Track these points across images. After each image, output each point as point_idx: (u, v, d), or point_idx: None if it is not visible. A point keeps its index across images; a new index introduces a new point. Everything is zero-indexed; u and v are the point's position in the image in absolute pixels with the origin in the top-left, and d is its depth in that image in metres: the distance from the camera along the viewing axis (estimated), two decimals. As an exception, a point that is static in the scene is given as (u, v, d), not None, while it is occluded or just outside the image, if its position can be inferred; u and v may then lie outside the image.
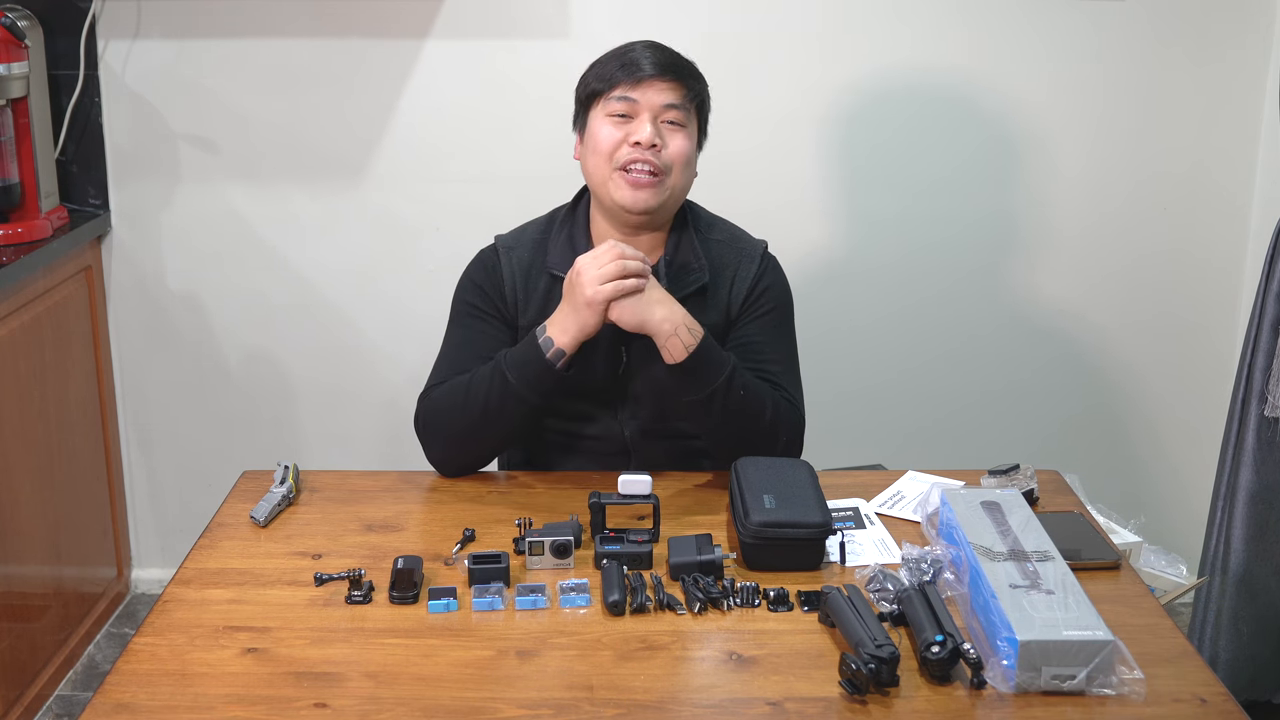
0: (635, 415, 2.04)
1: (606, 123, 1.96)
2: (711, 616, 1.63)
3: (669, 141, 1.95)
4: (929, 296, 3.00)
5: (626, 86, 1.94)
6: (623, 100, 1.95)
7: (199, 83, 2.90)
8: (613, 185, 1.96)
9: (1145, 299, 3.01)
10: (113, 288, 3.02)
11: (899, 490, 1.98)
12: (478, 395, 1.93)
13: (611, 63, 1.98)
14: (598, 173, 1.98)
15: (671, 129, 1.96)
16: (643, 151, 1.93)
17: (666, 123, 1.95)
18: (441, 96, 2.90)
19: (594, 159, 1.98)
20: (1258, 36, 2.85)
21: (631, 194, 1.94)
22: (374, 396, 3.07)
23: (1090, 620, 1.48)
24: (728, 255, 2.05)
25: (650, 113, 1.94)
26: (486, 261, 2.07)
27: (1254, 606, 2.48)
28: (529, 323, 2.00)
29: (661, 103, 1.94)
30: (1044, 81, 2.88)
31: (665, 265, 2.01)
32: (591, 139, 1.98)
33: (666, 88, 1.95)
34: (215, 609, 1.65)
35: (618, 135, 1.95)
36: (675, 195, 1.98)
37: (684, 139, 1.96)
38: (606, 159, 1.96)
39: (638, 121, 1.94)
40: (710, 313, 2.01)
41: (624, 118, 1.95)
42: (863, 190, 2.95)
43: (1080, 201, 2.95)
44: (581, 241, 2.02)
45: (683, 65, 1.99)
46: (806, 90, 2.89)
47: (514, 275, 2.03)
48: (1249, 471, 2.43)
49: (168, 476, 3.15)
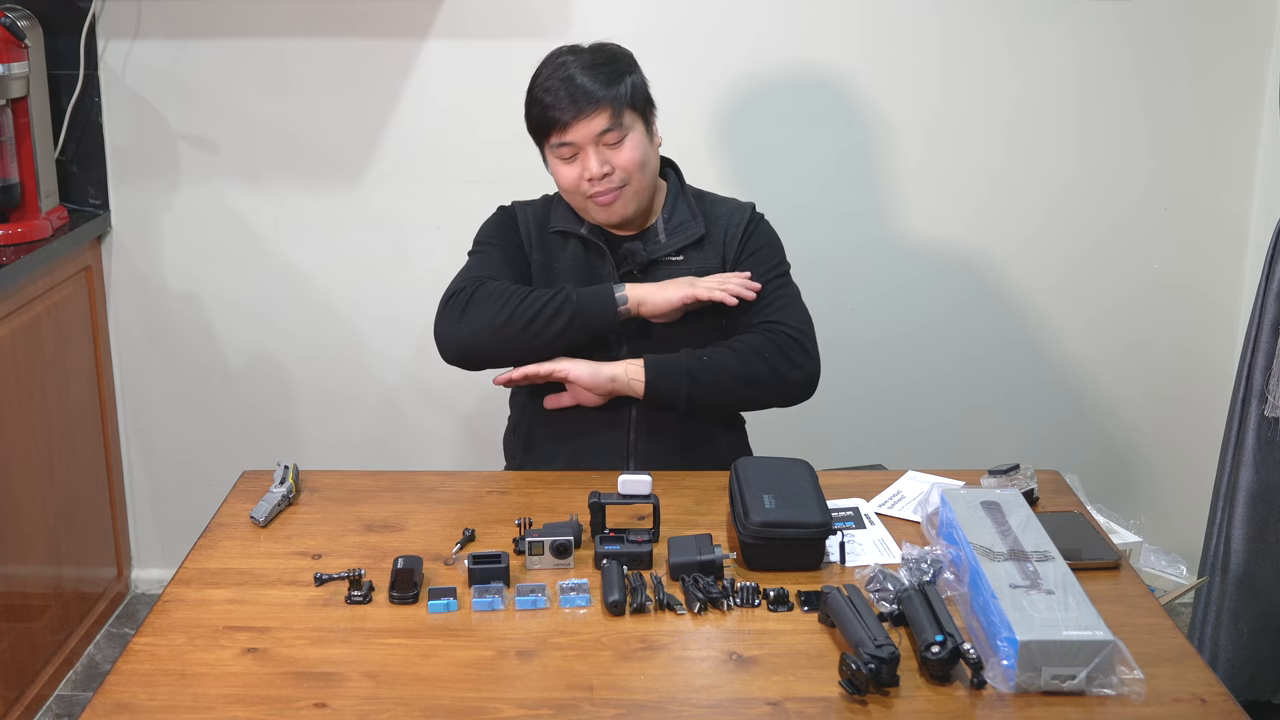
0: (635, 353, 2.11)
1: (560, 165, 2.11)
2: (711, 616, 1.63)
3: (616, 159, 2.07)
4: (929, 297, 3.00)
5: (558, 132, 2.07)
6: (563, 146, 2.08)
7: (199, 83, 2.90)
8: (590, 209, 2.12)
9: (1145, 299, 3.01)
10: (113, 288, 3.02)
11: (899, 490, 1.98)
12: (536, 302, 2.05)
13: (536, 109, 2.11)
14: (573, 202, 2.15)
15: (614, 147, 2.07)
16: (598, 182, 2.07)
17: (607, 144, 2.07)
18: (441, 96, 2.90)
19: (563, 193, 2.15)
20: (1258, 37, 2.85)
21: (604, 213, 2.11)
22: (374, 396, 3.07)
23: (1090, 620, 1.48)
24: (720, 211, 2.21)
25: (590, 144, 2.07)
26: (506, 210, 2.25)
27: (1254, 606, 2.48)
28: (540, 259, 2.17)
29: (594, 132, 2.06)
30: (1044, 81, 2.88)
31: (664, 223, 2.17)
32: (555, 176, 2.13)
33: (591, 119, 2.05)
34: (215, 609, 1.65)
35: (574, 173, 2.09)
36: (644, 191, 2.12)
37: (629, 146, 2.08)
38: (574, 194, 2.12)
39: (583, 155, 2.08)
40: (707, 257, 2.16)
41: (572, 156, 2.09)
42: (862, 190, 2.95)
43: (1080, 201, 2.95)
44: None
45: (592, 90, 2.06)
46: (807, 89, 2.88)
47: (528, 225, 2.21)
48: (1249, 471, 2.43)
49: (168, 476, 3.15)
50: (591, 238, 2.15)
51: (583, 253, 2.17)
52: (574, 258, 2.17)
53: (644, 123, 2.11)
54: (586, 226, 2.16)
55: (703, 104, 2.87)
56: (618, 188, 2.08)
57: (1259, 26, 2.85)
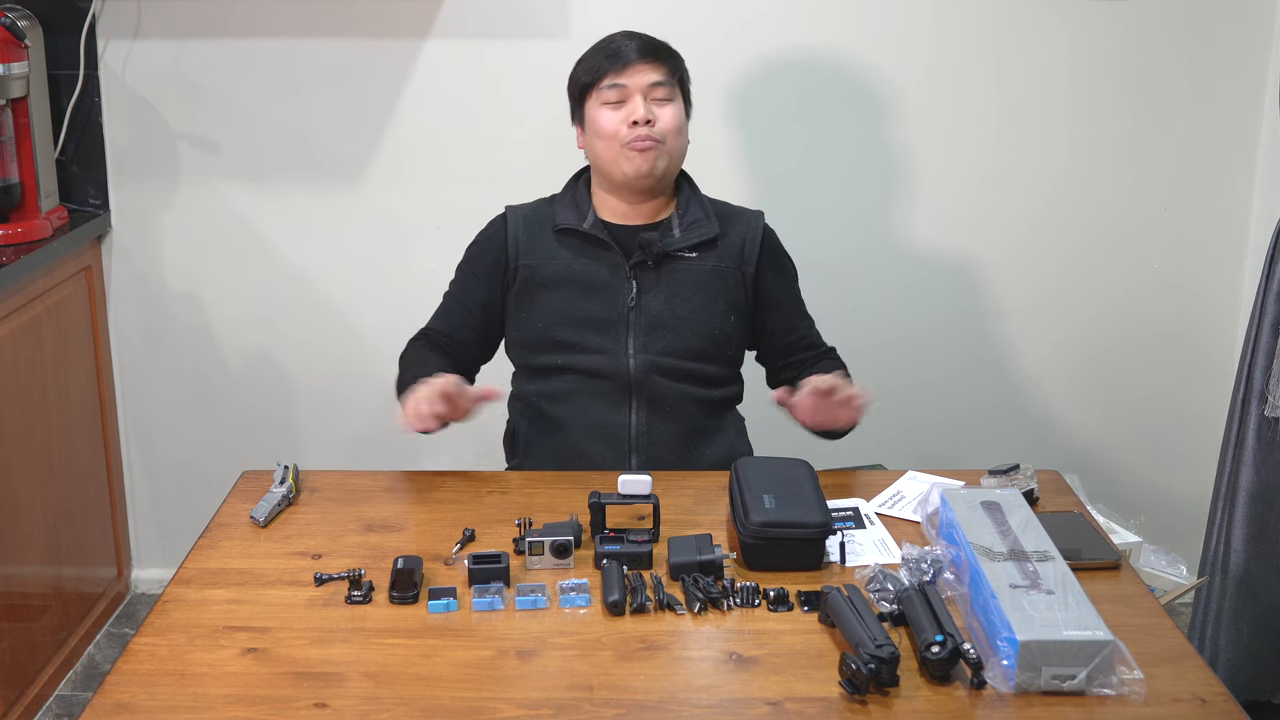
0: (646, 349, 2.13)
1: (604, 110, 2.14)
2: (711, 616, 1.63)
3: (660, 114, 2.13)
4: (930, 297, 3.00)
5: (614, 74, 2.13)
6: (614, 88, 2.13)
7: (199, 83, 2.90)
8: (623, 159, 2.13)
9: (1145, 299, 3.01)
10: (113, 288, 3.02)
11: (899, 490, 1.98)
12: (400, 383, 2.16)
13: (596, 56, 2.17)
14: (607, 153, 2.15)
15: (660, 103, 2.14)
16: (641, 127, 2.11)
17: (655, 99, 2.13)
18: (441, 96, 2.90)
19: (600, 143, 2.15)
20: (1258, 37, 2.85)
21: (639, 161, 2.12)
22: (374, 396, 3.06)
23: (1090, 620, 1.48)
24: (732, 214, 2.25)
25: (640, 93, 2.13)
26: (493, 226, 2.26)
27: (1254, 606, 2.48)
28: (531, 262, 2.17)
29: (648, 82, 2.13)
30: (1044, 81, 2.88)
31: (678, 220, 2.19)
32: (593, 126, 2.15)
33: (649, 69, 2.14)
34: (215, 609, 1.65)
35: (617, 118, 2.13)
36: (674, 159, 2.17)
37: (673, 109, 2.15)
38: (611, 141, 2.13)
39: (630, 104, 2.13)
40: (723, 256, 2.19)
41: (618, 103, 2.13)
42: (862, 190, 2.95)
43: (1080, 201, 2.95)
44: (585, 203, 2.20)
45: (661, 47, 2.18)
46: (808, 88, 2.89)
47: (518, 226, 2.21)
48: (1249, 471, 2.43)
49: (168, 476, 3.15)
50: (594, 232, 2.16)
51: (581, 248, 2.17)
52: (573, 256, 2.17)
53: (685, 105, 2.20)
54: (589, 222, 2.17)
55: (702, 105, 2.87)
56: (656, 140, 2.11)
57: (1259, 26, 2.85)
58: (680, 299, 2.16)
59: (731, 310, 2.18)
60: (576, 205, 2.20)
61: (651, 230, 2.18)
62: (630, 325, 2.14)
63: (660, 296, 2.15)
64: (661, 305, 2.15)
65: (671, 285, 2.16)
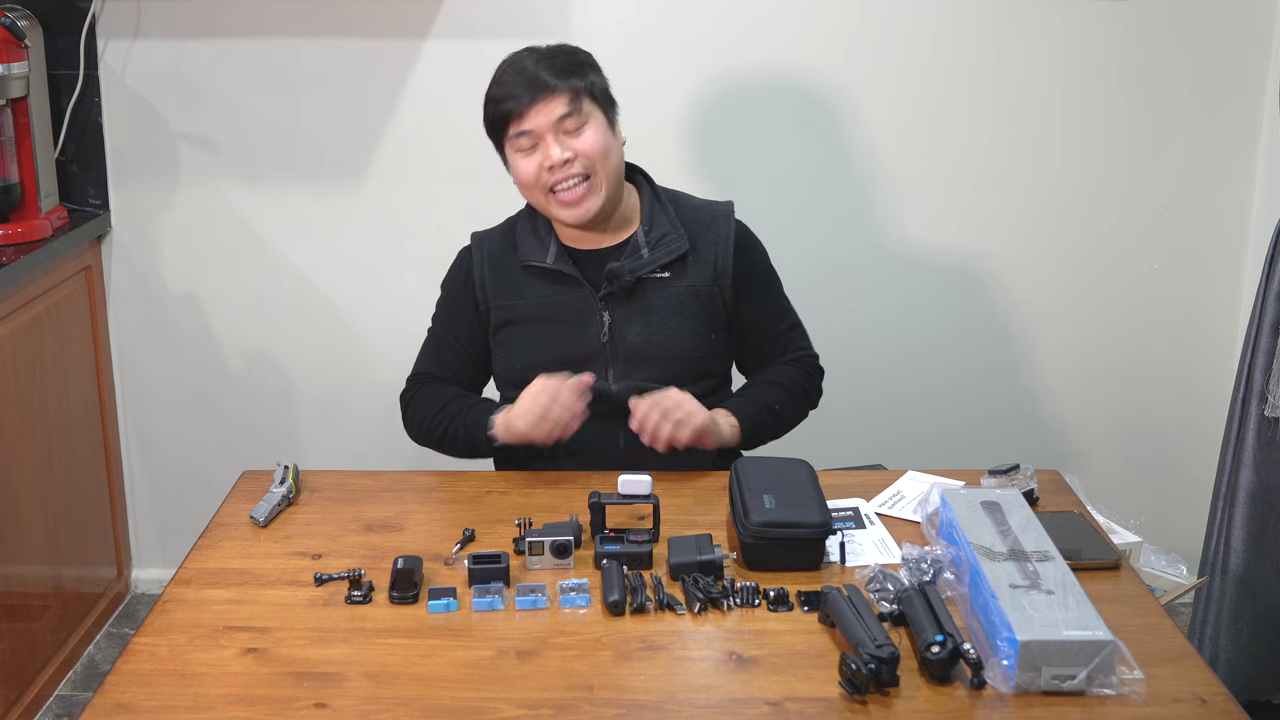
0: (627, 377, 2.09)
1: (520, 159, 2.04)
2: (711, 616, 1.63)
3: (578, 145, 2.01)
4: (928, 297, 3.00)
5: (516, 121, 2.02)
6: (521, 135, 2.02)
7: (199, 83, 2.90)
8: (552, 208, 2.05)
9: (1145, 299, 3.01)
10: (113, 288, 3.02)
11: (899, 490, 1.98)
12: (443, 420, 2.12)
13: (496, 103, 2.05)
14: (534, 200, 2.08)
15: (573, 133, 2.02)
16: (560, 170, 2.01)
17: (567, 132, 2.02)
18: (442, 96, 2.90)
19: (527, 191, 2.07)
20: (1258, 36, 2.85)
21: (570, 211, 2.04)
22: (374, 396, 3.07)
23: (1090, 620, 1.48)
24: (700, 218, 2.14)
25: (550, 133, 2.01)
26: (462, 260, 2.19)
27: (1254, 606, 2.48)
28: (502, 303, 2.11)
29: (554, 118, 2.01)
30: (1043, 81, 2.88)
31: (644, 236, 2.09)
32: (516, 175, 2.07)
33: (550, 103, 2.00)
34: (215, 609, 1.65)
35: (534, 164, 2.02)
36: (611, 182, 2.06)
37: (590, 132, 2.02)
38: (535, 189, 2.04)
39: (543, 145, 2.02)
40: (696, 273, 2.10)
41: (532, 147, 2.03)
42: (862, 190, 2.95)
43: (1081, 201, 2.95)
44: (544, 231, 2.12)
45: (554, 70, 2.02)
46: (808, 90, 2.88)
47: (483, 264, 2.14)
48: (1249, 471, 2.43)
49: (168, 476, 3.15)
50: (559, 267, 2.08)
51: (551, 287, 2.09)
52: (541, 294, 2.09)
53: (605, 115, 2.06)
54: (553, 254, 2.09)
55: (703, 105, 2.87)
56: (581, 178, 2.01)
57: (1259, 26, 2.84)
58: (656, 325, 2.08)
59: (711, 329, 2.12)
60: (538, 235, 2.11)
61: (618, 251, 2.09)
62: (609, 357, 2.08)
63: (635, 326, 2.08)
64: (637, 336, 2.08)
65: (646, 312, 2.08)
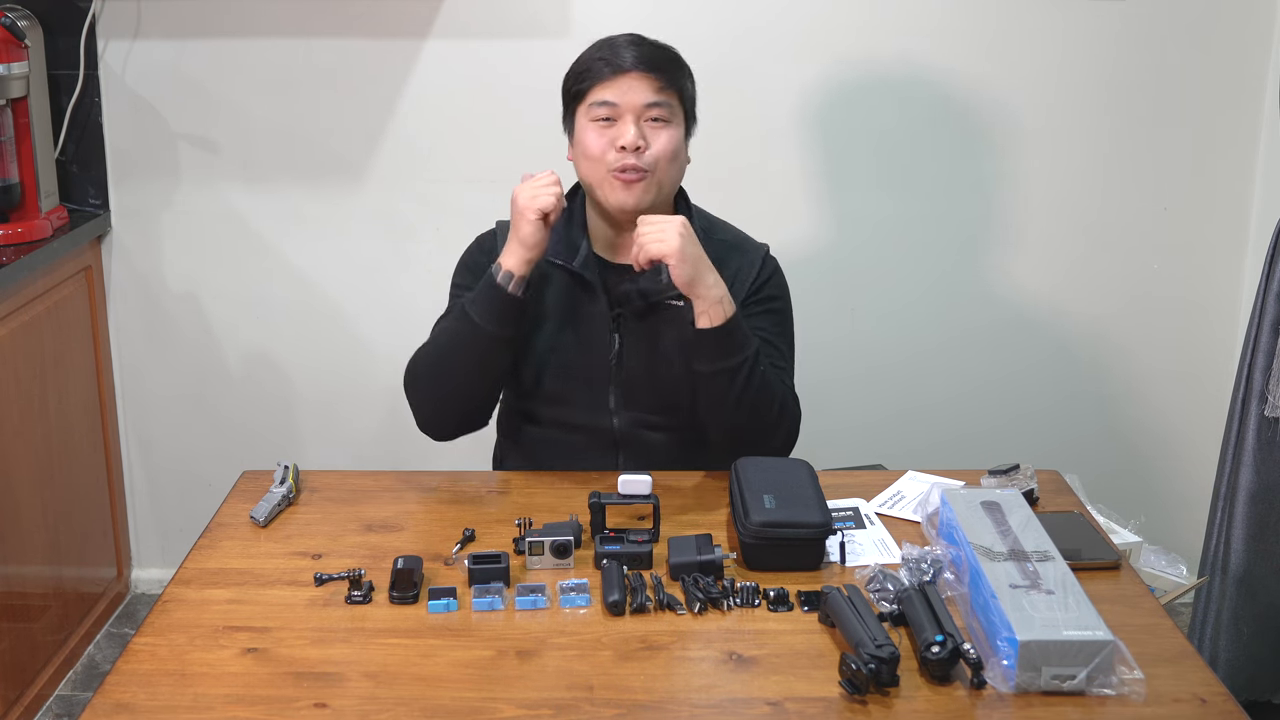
0: (627, 405, 2.04)
1: (591, 128, 1.96)
2: (711, 616, 1.63)
3: (653, 140, 1.95)
4: (929, 297, 3.00)
5: (604, 87, 1.94)
6: (603, 105, 1.95)
7: (199, 83, 2.90)
8: (607, 187, 1.97)
9: (1145, 299, 3.01)
10: (113, 288, 3.02)
11: (899, 490, 1.98)
12: (444, 337, 1.99)
13: (588, 62, 1.97)
14: (591, 176, 1.99)
15: (655, 126, 1.95)
16: (629, 154, 1.93)
17: (650, 120, 1.95)
18: (441, 96, 2.90)
19: (585, 164, 1.99)
20: (1258, 37, 2.85)
21: (623, 194, 1.96)
22: (374, 396, 3.07)
23: (1090, 620, 1.48)
24: (730, 255, 2.06)
25: (632, 113, 1.94)
26: (484, 244, 2.10)
27: (1254, 606, 2.48)
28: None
29: (641, 102, 1.94)
30: (1043, 80, 2.88)
31: None
32: (580, 144, 1.99)
33: (643, 85, 1.94)
34: (215, 609, 1.65)
35: (604, 139, 1.95)
36: (665, 189, 1.99)
37: (668, 134, 1.96)
38: (597, 164, 1.96)
39: (621, 124, 1.94)
40: None
41: (608, 121, 1.95)
42: (862, 191, 2.95)
43: (1080, 201, 2.95)
44: (578, 232, 2.04)
45: (660, 57, 1.97)
46: (811, 90, 2.88)
47: None
48: (1249, 471, 2.43)
49: (168, 476, 3.14)
50: (583, 272, 2.02)
51: (571, 288, 2.04)
52: (560, 293, 2.04)
53: (686, 127, 2.01)
54: (581, 257, 2.02)
55: (704, 104, 2.87)
56: (645, 171, 1.94)
57: (1259, 27, 2.84)
58: (662, 358, 2.01)
59: None
60: (570, 235, 2.04)
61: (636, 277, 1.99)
62: (612, 380, 2.03)
63: (641, 354, 2.02)
64: (641, 366, 2.02)
65: (654, 341, 2.01)
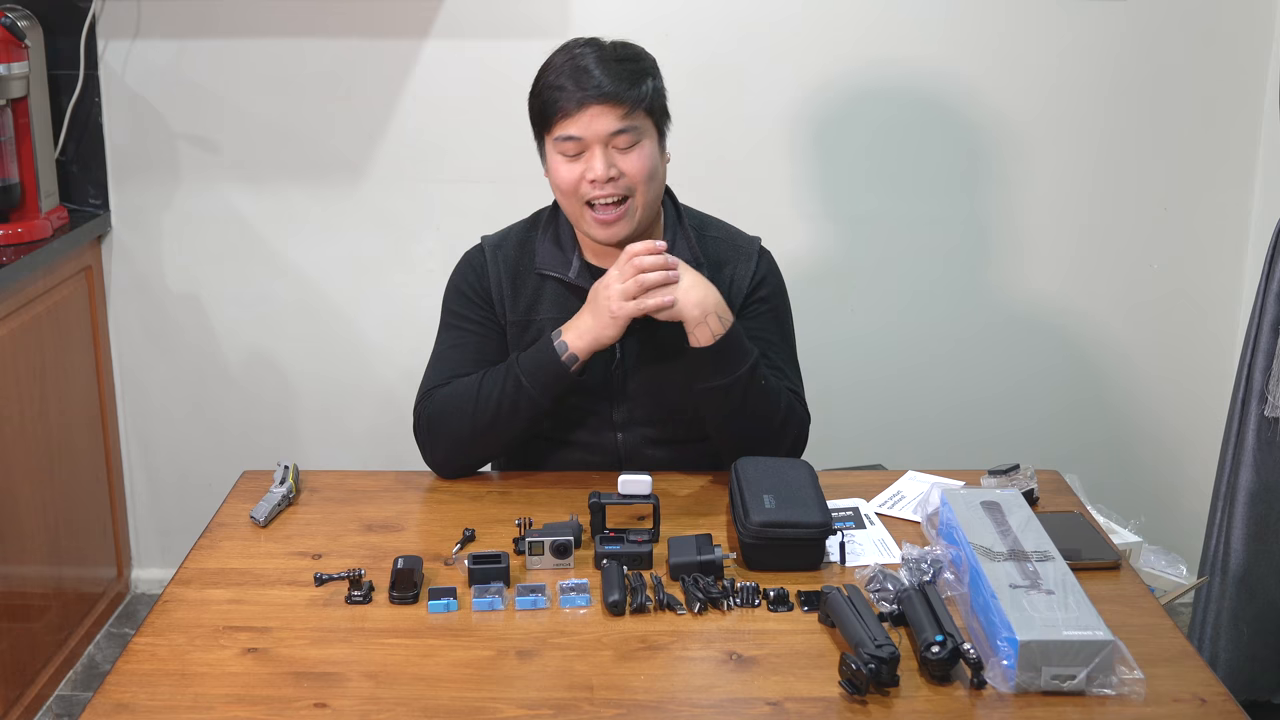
0: (631, 417, 2.03)
1: (560, 161, 1.92)
2: (711, 616, 1.63)
3: (625, 165, 1.89)
4: (929, 297, 3.00)
5: (565, 121, 1.88)
6: (568, 140, 1.89)
7: (199, 83, 2.90)
8: (585, 222, 1.94)
9: (1145, 299, 3.01)
10: (113, 288, 3.02)
11: (899, 490, 1.98)
12: (489, 398, 1.93)
13: (550, 91, 1.91)
14: (569, 209, 1.96)
15: (624, 151, 1.90)
16: (601, 186, 1.89)
17: (617, 148, 1.89)
18: (441, 96, 2.90)
19: (559, 195, 1.96)
20: (1258, 37, 2.85)
21: (602, 230, 1.93)
22: (374, 396, 3.07)
23: (1090, 620, 1.48)
24: (724, 252, 2.04)
25: (599, 143, 1.88)
26: (473, 262, 2.06)
27: (1254, 606, 2.48)
28: (518, 319, 2.01)
29: (607, 131, 1.88)
30: (1043, 80, 2.88)
31: None
32: (552, 175, 1.95)
33: (607, 115, 1.87)
34: (215, 609, 1.65)
35: (575, 173, 1.90)
36: (647, 209, 1.95)
37: (639, 155, 1.90)
38: (571, 198, 1.93)
39: (589, 155, 1.89)
40: None
41: (576, 153, 1.90)
42: (863, 191, 2.95)
43: (1080, 201, 2.95)
44: (568, 243, 2.02)
45: (620, 76, 1.89)
46: (809, 89, 2.88)
47: (500, 273, 2.02)
48: (1249, 471, 2.43)
49: (168, 476, 3.15)
50: (579, 283, 1.97)
51: (567, 298, 1.99)
52: (556, 304, 1.99)
53: (658, 133, 1.94)
54: (575, 268, 1.99)
55: (704, 104, 2.87)
56: (621, 200, 1.90)
57: (1259, 26, 2.85)
58: (663, 368, 1.97)
59: None
60: (560, 246, 2.00)
61: None
62: (614, 392, 2.00)
63: (645, 363, 1.98)
64: (642, 376, 1.99)
65: (654, 350, 1.97)
